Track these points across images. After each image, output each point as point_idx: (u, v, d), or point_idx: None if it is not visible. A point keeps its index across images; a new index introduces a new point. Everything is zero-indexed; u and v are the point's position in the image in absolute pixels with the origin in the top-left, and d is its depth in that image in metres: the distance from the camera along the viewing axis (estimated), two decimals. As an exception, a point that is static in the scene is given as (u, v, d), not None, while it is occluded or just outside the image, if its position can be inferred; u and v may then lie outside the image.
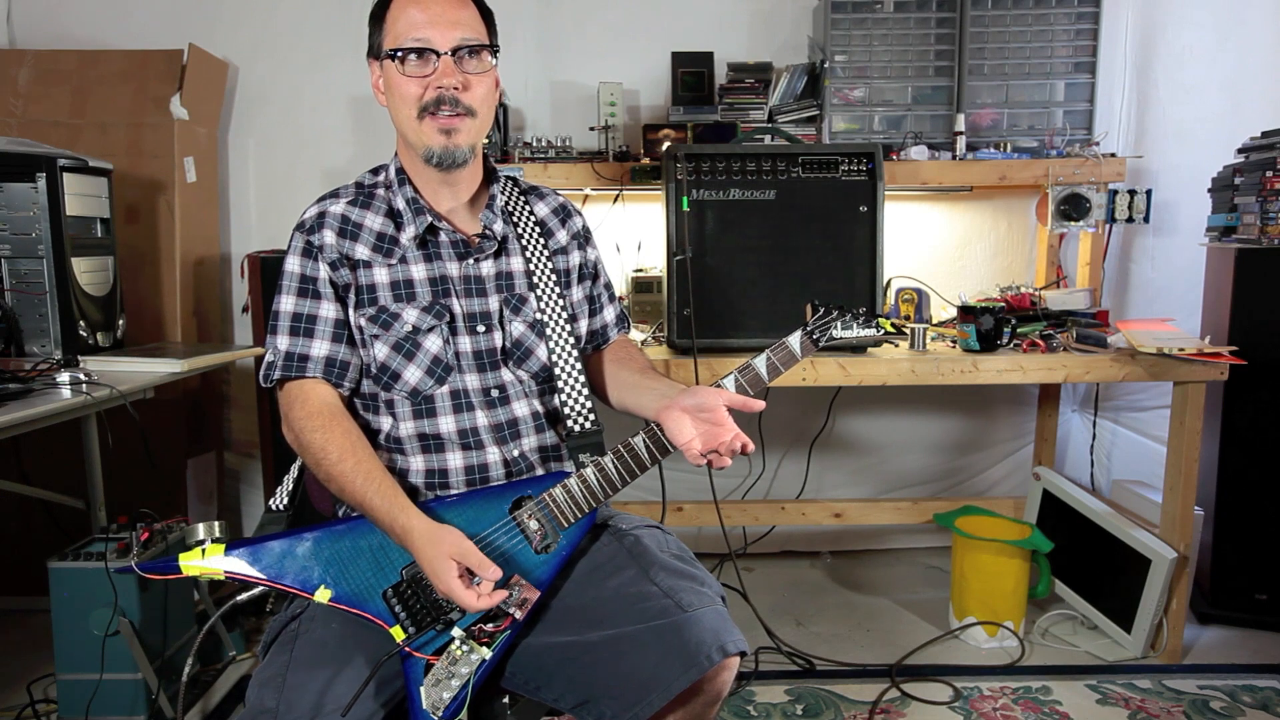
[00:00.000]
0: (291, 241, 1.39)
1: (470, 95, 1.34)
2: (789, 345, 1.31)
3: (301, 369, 1.35)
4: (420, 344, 1.38)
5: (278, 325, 1.37)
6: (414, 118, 1.34)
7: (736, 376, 1.30)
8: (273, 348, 1.37)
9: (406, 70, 1.33)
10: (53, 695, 2.18)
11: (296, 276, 1.37)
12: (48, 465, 2.48)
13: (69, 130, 2.71)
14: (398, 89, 1.34)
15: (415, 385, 1.38)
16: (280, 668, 1.23)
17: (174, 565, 1.27)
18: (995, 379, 2.38)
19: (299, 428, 1.33)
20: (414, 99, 1.33)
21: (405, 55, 1.32)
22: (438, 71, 1.32)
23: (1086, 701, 2.26)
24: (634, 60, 2.99)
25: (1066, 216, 2.73)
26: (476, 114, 1.36)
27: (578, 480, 1.33)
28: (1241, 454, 2.60)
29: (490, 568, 1.21)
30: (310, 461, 1.32)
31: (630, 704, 1.20)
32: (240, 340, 3.07)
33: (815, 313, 1.34)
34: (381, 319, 1.38)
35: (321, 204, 1.41)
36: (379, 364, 1.38)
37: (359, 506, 1.28)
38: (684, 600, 1.25)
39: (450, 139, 1.34)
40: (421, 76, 1.33)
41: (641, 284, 2.83)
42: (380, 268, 1.39)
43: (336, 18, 2.97)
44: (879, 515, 2.98)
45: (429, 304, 1.39)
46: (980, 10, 2.78)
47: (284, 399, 1.37)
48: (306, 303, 1.37)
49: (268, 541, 1.29)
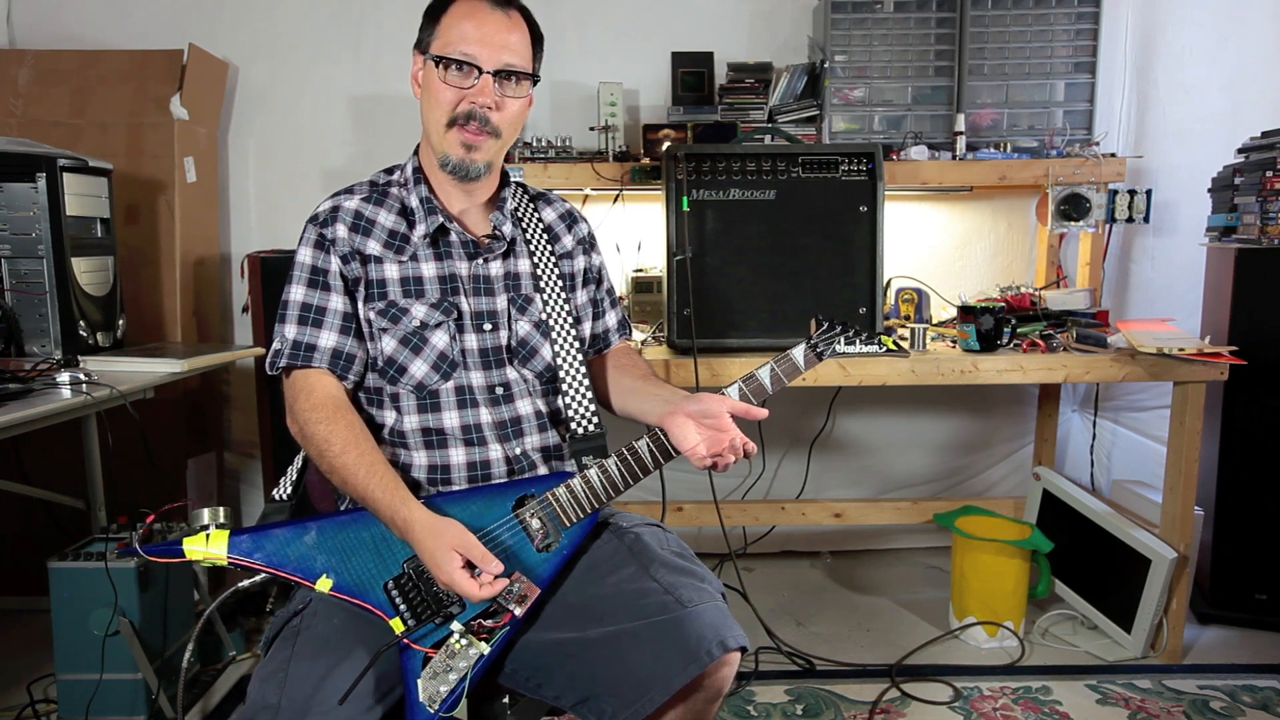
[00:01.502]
0: (304, 233, 1.41)
1: (500, 116, 1.37)
2: (793, 358, 1.33)
3: (308, 359, 1.37)
4: (427, 339, 1.40)
5: (287, 314, 1.39)
6: (442, 123, 1.37)
7: (740, 385, 1.32)
8: (280, 336, 1.38)
9: (447, 78, 1.35)
10: (53, 695, 2.18)
11: (308, 267, 1.39)
12: (48, 465, 2.48)
13: (69, 130, 2.71)
14: (434, 93, 1.37)
15: (421, 379, 1.40)
16: (281, 663, 1.23)
17: (178, 549, 1.28)
18: (995, 379, 2.38)
19: (304, 419, 1.34)
20: (447, 106, 1.36)
21: (449, 64, 1.34)
22: (476, 88, 1.35)
23: (1086, 701, 2.26)
24: (634, 60, 2.99)
25: (1066, 216, 2.73)
26: (501, 135, 1.39)
27: (581, 481, 1.34)
28: (1241, 454, 2.60)
29: (493, 562, 1.23)
30: (313, 453, 1.33)
31: (631, 700, 1.20)
32: (240, 340, 3.07)
33: (819, 327, 1.36)
34: (391, 313, 1.40)
35: (335, 199, 1.43)
36: (386, 357, 1.40)
37: (361, 499, 1.29)
38: (684, 596, 1.25)
39: (470, 154, 1.38)
40: (460, 87, 1.35)
41: (641, 284, 2.83)
42: (391, 263, 1.41)
43: (336, 18, 2.97)
44: (879, 515, 2.98)
45: (437, 300, 1.41)
46: (980, 10, 2.78)
47: (289, 389, 1.38)
48: (316, 294, 1.39)
49: (271, 529, 1.31)
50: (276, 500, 1.44)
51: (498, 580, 1.23)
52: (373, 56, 2.97)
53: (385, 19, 2.97)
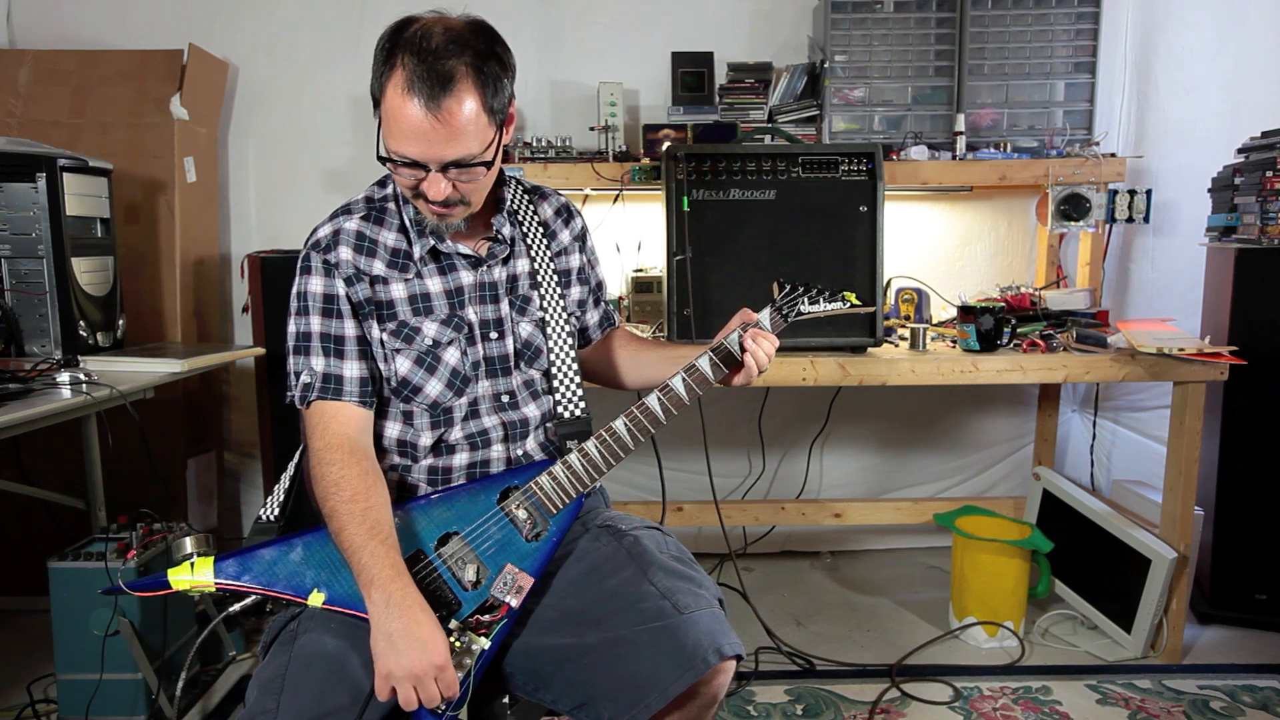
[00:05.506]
0: (307, 261, 1.37)
1: (465, 189, 1.30)
2: (761, 322, 1.40)
3: (338, 392, 1.34)
4: (440, 357, 1.40)
5: (310, 346, 1.35)
6: (408, 191, 1.32)
7: (710, 355, 1.37)
8: (308, 369, 1.35)
9: (399, 170, 1.27)
10: (53, 695, 2.18)
11: (320, 296, 1.36)
12: (48, 465, 2.48)
13: (69, 130, 2.71)
14: (392, 168, 1.29)
15: (436, 398, 1.40)
16: (280, 668, 1.23)
17: (163, 581, 1.26)
18: (995, 379, 2.38)
19: (316, 458, 1.31)
20: (407, 188, 1.31)
21: (395, 162, 1.26)
22: (428, 180, 1.26)
23: (1086, 701, 2.26)
24: (634, 60, 2.99)
25: (1066, 216, 2.73)
26: (471, 201, 1.33)
27: (562, 466, 1.35)
28: (1241, 454, 2.59)
29: (436, 700, 1.19)
30: (319, 492, 1.29)
31: (628, 706, 1.21)
32: (240, 340, 3.07)
33: (782, 290, 1.44)
34: (404, 333, 1.39)
35: (335, 221, 1.39)
36: (400, 378, 1.39)
37: (348, 553, 1.23)
38: (681, 602, 1.25)
39: (443, 219, 1.33)
40: (412, 178, 1.27)
41: (641, 284, 2.83)
42: (397, 283, 1.39)
43: (336, 18, 2.97)
44: (879, 515, 2.98)
45: (447, 316, 1.40)
46: (980, 10, 2.78)
47: (308, 421, 1.36)
48: (333, 323, 1.36)
49: (257, 550, 1.28)
50: (263, 521, 1.41)
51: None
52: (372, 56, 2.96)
53: (385, 19, 2.87)
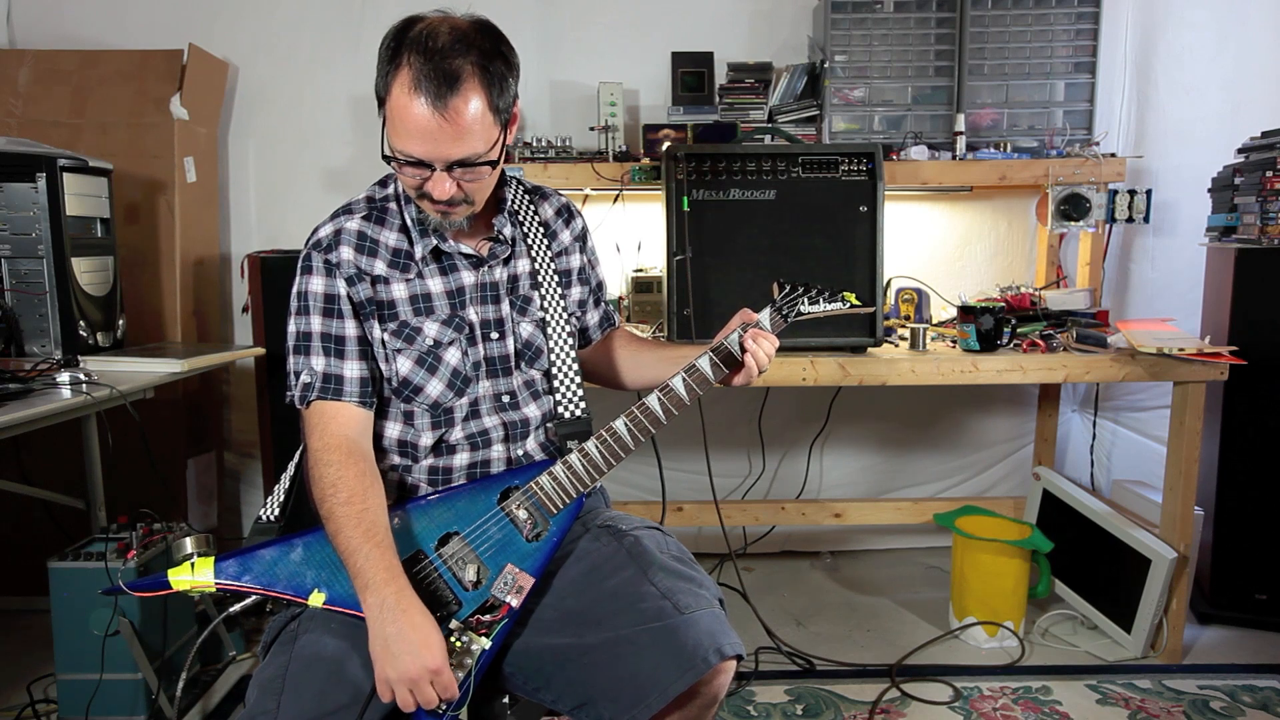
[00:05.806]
0: (308, 260, 1.37)
1: (469, 188, 1.30)
2: (761, 322, 1.40)
3: (338, 393, 1.34)
4: (441, 358, 1.40)
5: (310, 346, 1.35)
6: (412, 190, 1.32)
7: (710, 355, 1.36)
8: (308, 369, 1.35)
9: (403, 170, 1.28)
10: (53, 695, 2.18)
11: (321, 296, 1.36)
12: (48, 465, 2.48)
13: (69, 130, 2.71)
14: (396, 166, 1.30)
15: (436, 399, 1.40)
16: (280, 668, 1.23)
17: (163, 581, 1.26)
18: (995, 379, 2.38)
19: (314, 459, 1.31)
20: (411, 187, 1.31)
21: (400, 161, 1.27)
22: (432, 180, 1.27)
23: (1086, 701, 2.26)
24: (634, 60, 2.99)
25: (1066, 216, 2.73)
26: (475, 200, 1.33)
27: (563, 466, 1.35)
28: (1241, 454, 2.59)
29: (434, 702, 1.19)
30: (316, 493, 1.29)
31: (628, 706, 1.21)
32: (240, 340, 3.07)
33: (782, 290, 1.44)
34: (405, 333, 1.39)
35: (336, 221, 1.39)
36: (401, 378, 1.39)
37: (344, 556, 1.23)
38: (681, 602, 1.25)
39: (447, 217, 1.33)
40: (418, 176, 1.28)
41: (641, 284, 2.83)
42: (398, 283, 1.39)
43: (336, 18, 2.97)
44: (879, 515, 2.98)
45: (448, 317, 1.40)
46: (980, 10, 2.78)
47: (308, 421, 1.35)
48: (334, 323, 1.36)
49: (257, 550, 1.28)
50: (263, 521, 1.41)
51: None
52: (373, 56, 2.91)
53: (385, 19, 2.87)
